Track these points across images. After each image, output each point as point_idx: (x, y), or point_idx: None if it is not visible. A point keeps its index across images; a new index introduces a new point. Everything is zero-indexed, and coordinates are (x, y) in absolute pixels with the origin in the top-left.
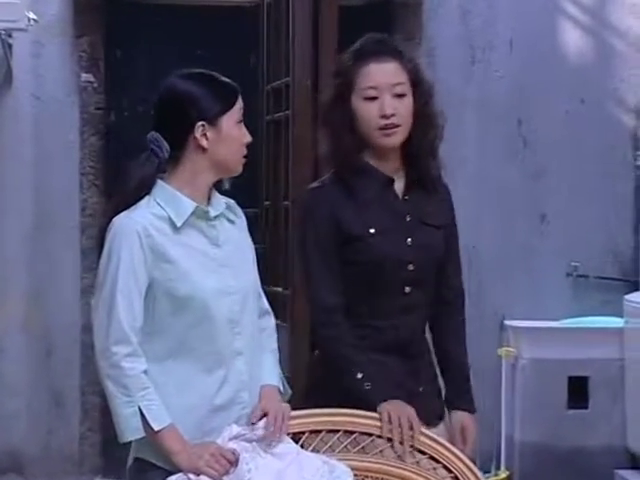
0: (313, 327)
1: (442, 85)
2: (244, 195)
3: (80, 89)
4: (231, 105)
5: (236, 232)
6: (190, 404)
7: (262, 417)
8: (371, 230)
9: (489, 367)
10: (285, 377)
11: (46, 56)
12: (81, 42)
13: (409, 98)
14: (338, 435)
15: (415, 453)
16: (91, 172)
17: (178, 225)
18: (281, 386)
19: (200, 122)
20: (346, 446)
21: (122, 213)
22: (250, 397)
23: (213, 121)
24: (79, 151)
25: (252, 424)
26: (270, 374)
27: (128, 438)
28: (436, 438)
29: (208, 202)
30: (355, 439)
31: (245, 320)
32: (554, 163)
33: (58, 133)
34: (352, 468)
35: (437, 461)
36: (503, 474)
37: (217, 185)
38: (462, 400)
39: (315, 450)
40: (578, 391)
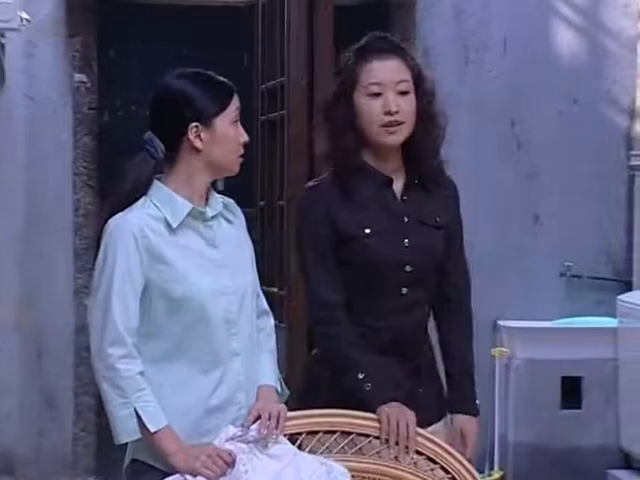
0: (313, 325)
1: (436, 85)
2: (239, 195)
3: (73, 89)
4: (226, 105)
5: (234, 232)
6: (186, 405)
7: (258, 418)
8: (366, 230)
9: (482, 367)
10: (282, 377)
11: (39, 56)
12: (74, 42)
13: (412, 96)
14: (335, 436)
15: (412, 454)
16: (84, 172)
17: (174, 226)
18: (279, 387)
19: (193, 123)
20: (343, 447)
21: (118, 214)
22: (247, 398)
23: (207, 122)
24: (72, 151)
25: (245, 425)
26: (268, 374)
27: (124, 440)
28: (433, 439)
29: (206, 202)
30: (352, 440)
31: (242, 321)
32: (547, 164)
33: (51, 133)
34: (349, 469)
35: (434, 462)
36: (496, 474)
37: (214, 184)
38: (463, 402)
39: (312, 451)
40: (571, 391)
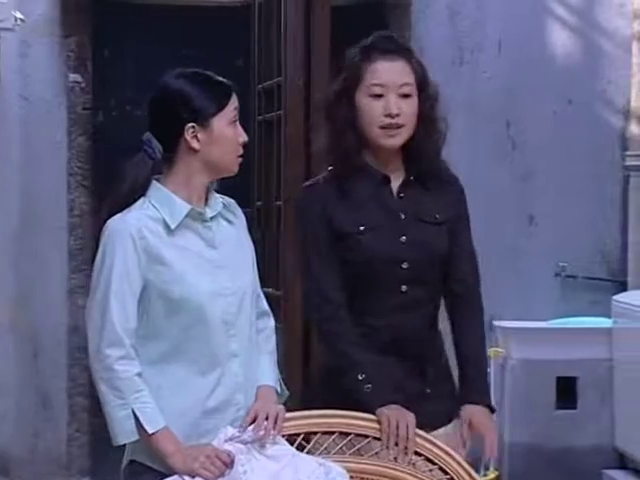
0: (316, 322)
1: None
2: (235, 195)
3: (68, 89)
4: (223, 105)
5: (234, 232)
6: (184, 406)
7: (256, 419)
8: (361, 227)
9: None
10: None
11: (33, 56)
12: (69, 42)
13: (414, 99)
14: (334, 437)
15: (411, 455)
16: (79, 172)
17: (172, 227)
18: (278, 387)
19: (190, 124)
20: (342, 448)
21: (116, 215)
22: (245, 399)
23: (204, 122)
24: (67, 151)
25: (242, 426)
26: (267, 375)
27: (122, 441)
28: (433, 440)
29: (206, 202)
30: (351, 441)
31: (241, 322)
32: (542, 164)
33: (46, 133)
34: (348, 470)
35: (433, 463)
36: (492, 474)
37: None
38: (472, 394)
39: (310, 452)
40: (567, 391)
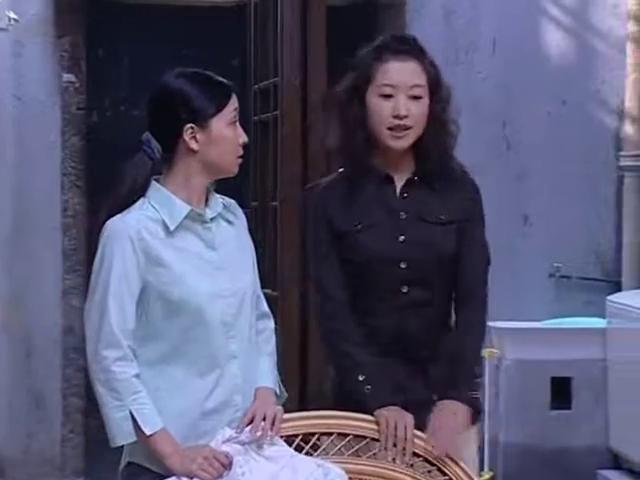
0: (319, 321)
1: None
2: (231, 196)
3: (61, 89)
4: (223, 106)
5: (234, 233)
6: (182, 407)
7: (253, 420)
8: (358, 225)
9: None
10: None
11: (27, 56)
12: (62, 42)
13: (425, 101)
14: (332, 438)
15: (410, 456)
16: (73, 173)
17: (171, 229)
18: (277, 389)
19: (188, 124)
20: (340, 449)
21: (115, 216)
22: (244, 400)
23: (202, 123)
24: (60, 152)
25: (240, 427)
26: (265, 377)
27: (120, 442)
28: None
29: (206, 203)
30: (349, 442)
31: (241, 323)
32: (537, 164)
33: (39, 133)
34: (346, 471)
35: (432, 464)
36: (486, 475)
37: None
38: (450, 389)
39: (309, 453)
40: (561, 392)
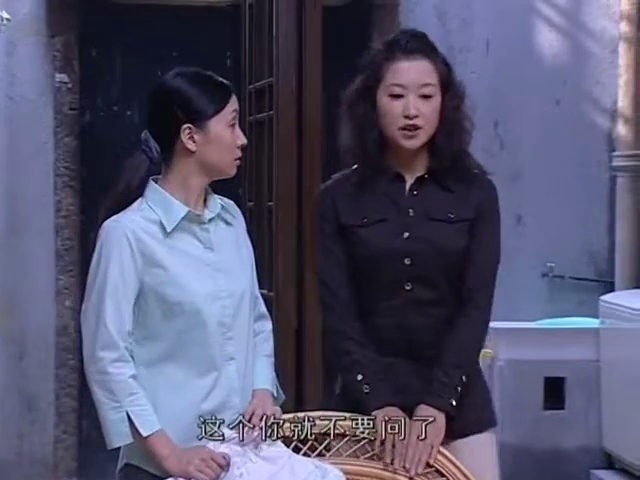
0: (322, 318)
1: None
2: (226, 196)
3: (54, 89)
4: (221, 107)
5: (233, 234)
6: (180, 408)
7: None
8: (364, 220)
9: None
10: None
11: (19, 56)
12: (55, 42)
13: (436, 100)
14: (330, 439)
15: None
16: (65, 173)
17: (168, 230)
18: (274, 391)
19: (186, 125)
20: (338, 449)
21: (113, 217)
22: (241, 402)
23: (200, 124)
24: (53, 152)
25: (237, 427)
26: (263, 378)
27: (117, 444)
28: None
29: (204, 203)
30: (347, 442)
31: (238, 325)
32: (530, 164)
33: (32, 134)
34: (344, 472)
35: (429, 465)
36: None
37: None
38: (430, 394)
39: (306, 454)
40: (554, 392)
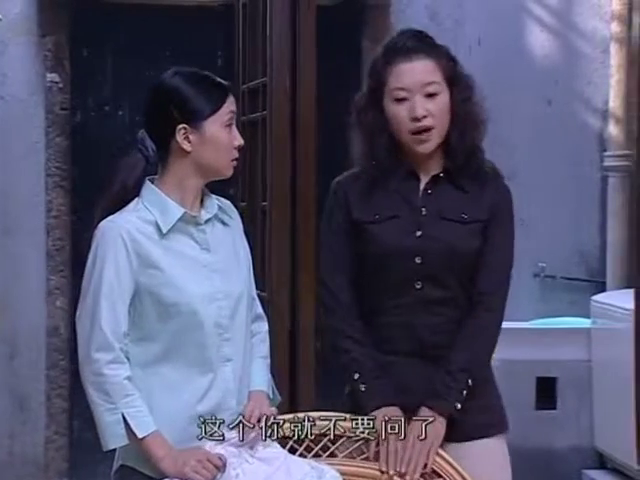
0: (322, 317)
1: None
2: (220, 196)
3: (45, 89)
4: (218, 108)
5: (229, 235)
6: (175, 410)
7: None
8: (376, 216)
9: None
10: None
11: (10, 55)
12: (46, 41)
13: (443, 96)
14: (326, 439)
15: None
16: (57, 173)
17: (164, 231)
18: (270, 392)
19: (181, 125)
20: (334, 450)
21: (109, 217)
22: (238, 404)
23: (196, 124)
24: (44, 152)
25: (233, 428)
26: (259, 380)
27: (112, 446)
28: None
29: (201, 204)
30: (343, 443)
31: (235, 326)
32: (521, 165)
33: (23, 133)
34: (340, 473)
35: (427, 465)
36: None
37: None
38: (432, 397)
39: (302, 454)
40: (546, 392)
